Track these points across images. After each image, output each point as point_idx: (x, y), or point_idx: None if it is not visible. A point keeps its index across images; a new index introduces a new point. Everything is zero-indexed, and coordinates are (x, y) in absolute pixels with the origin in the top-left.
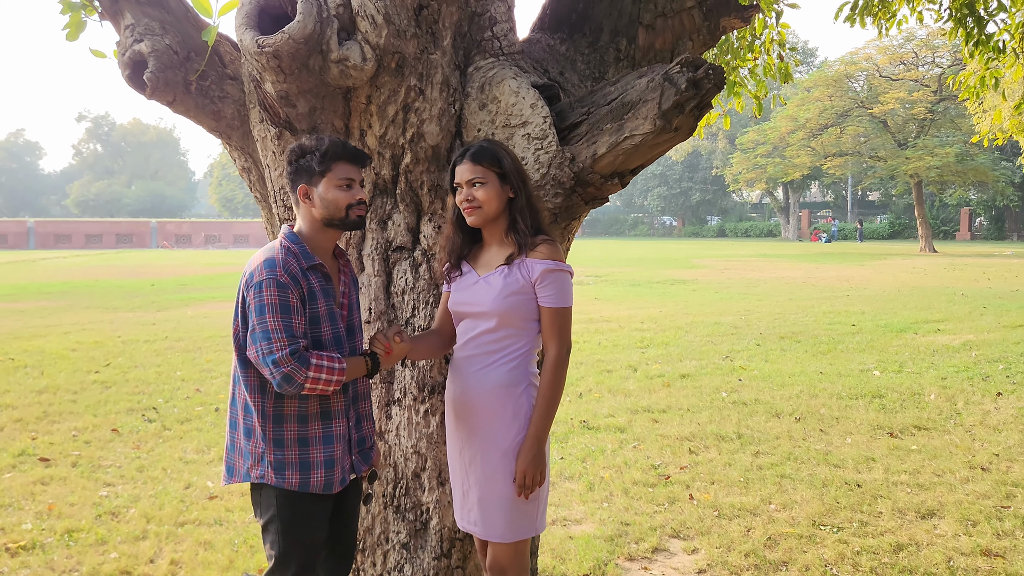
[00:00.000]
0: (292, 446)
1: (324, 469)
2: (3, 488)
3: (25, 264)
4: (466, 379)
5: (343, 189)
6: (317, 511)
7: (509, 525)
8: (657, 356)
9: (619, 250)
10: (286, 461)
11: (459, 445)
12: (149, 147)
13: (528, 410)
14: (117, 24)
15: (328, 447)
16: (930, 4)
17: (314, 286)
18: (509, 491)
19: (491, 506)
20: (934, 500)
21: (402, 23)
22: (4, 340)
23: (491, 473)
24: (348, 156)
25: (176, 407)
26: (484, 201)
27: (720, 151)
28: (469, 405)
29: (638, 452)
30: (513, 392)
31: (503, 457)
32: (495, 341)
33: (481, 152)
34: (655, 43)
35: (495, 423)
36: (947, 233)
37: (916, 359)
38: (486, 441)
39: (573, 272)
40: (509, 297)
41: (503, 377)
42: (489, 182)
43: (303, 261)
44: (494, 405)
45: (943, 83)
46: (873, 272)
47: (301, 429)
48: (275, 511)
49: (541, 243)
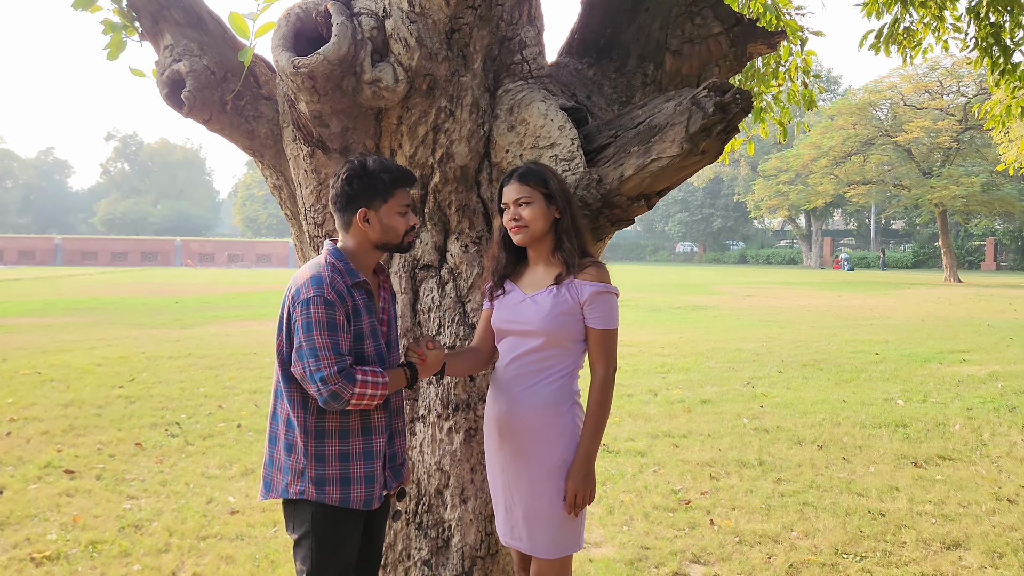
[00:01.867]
0: (333, 462)
1: (364, 485)
2: (29, 499)
3: (52, 280)
4: (512, 397)
5: (402, 216)
6: (351, 528)
7: (555, 541)
8: (678, 381)
9: (640, 275)
10: (327, 476)
11: (502, 463)
12: (175, 167)
13: (573, 428)
14: (156, 44)
15: (368, 463)
16: (956, 33)
17: (358, 303)
18: (556, 508)
19: (537, 523)
20: (960, 531)
21: (434, 46)
22: (32, 354)
23: (538, 491)
24: (408, 182)
25: (199, 423)
26: (530, 220)
27: (742, 177)
28: (515, 423)
29: (658, 477)
30: (559, 411)
31: (549, 475)
32: (541, 360)
33: (528, 173)
34: (682, 69)
35: (541, 442)
36: (972, 263)
37: (941, 389)
38: (532, 459)
39: (618, 293)
40: (558, 317)
41: (549, 396)
42: (535, 202)
43: (348, 278)
44: (540, 424)
45: (969, 112)
46: (897, 301)
47: (343, 444)
48: (310, 526)
49: (590, 265)
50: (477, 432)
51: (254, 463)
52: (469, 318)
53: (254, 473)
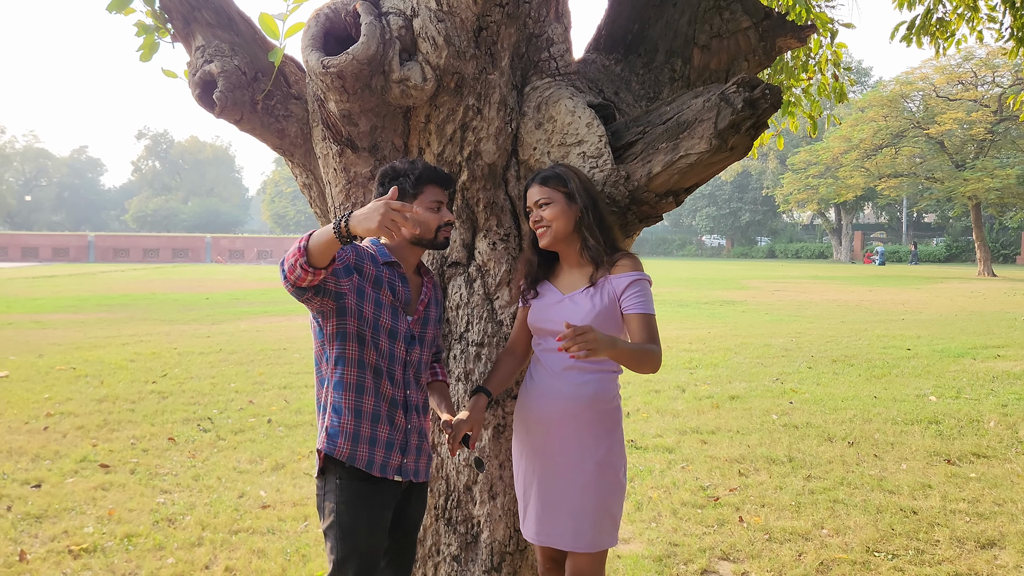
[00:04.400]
0: (348, 414)
1: (369, 446)
2: (66, 492)
3: (86, 277)
4: (557, 393)
5: (433, 211)
6: (377, 519)
7: (597, 534)
8: (706, 377)
9: (667, 270)
10: (340, 428)
11: (542, 460)
12: (205, 164)
13: (618, 423)
14: (188, 46)
15: (375, 425)
16: (991, 23)
17: (383, 276)
18: (601, 501)
19: (584, 516)
20: (994, 530)
21: (462, 44)
22: (66, 350)
23: (585, 484)
24: (438, 179)
25: (230, 418)
26: (551, 219)
27: (771, 171)
28: (564, 418)
29: (687, 473)
30: (607, 405)
31: (597, 467)
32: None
33: (548, 174)
34: (710, 64)
35: (589, 435)
36: (1007, 257)
37: (974, 385)
38: (581, 453)
39: (652, 282)
40: (599, 315)
41: (597, 389)
42: (555, 201)
43: (380, 257)
44: (591, 415)
45: (1004, 103)
46: (929, 296)
47: (356, 399)
48: (335, 517)
49: (621, 258)
50: (506, 428)
51: (284, 458)
52: (497, 315)
53: (285, 468)
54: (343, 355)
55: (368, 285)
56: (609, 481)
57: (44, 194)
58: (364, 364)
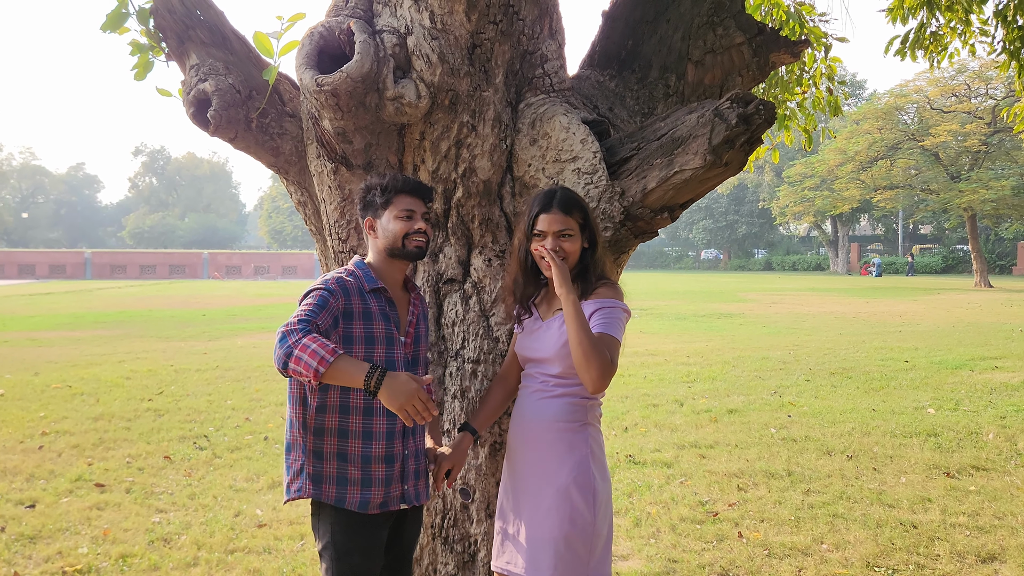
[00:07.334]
0: (331, 460)
1: (360, 487)
2: (61, 512)
3: (82, 293)
4: (523, 413)
5: (402, 220)
6: (371, 540)
7: (555, 567)
8: (704, 391)
9: (664, 283)
10: (324, 474)
11: (513, 481)
12: (202, 180)
13: (584, 449)
14: (182, 64)
15: (366, 467)
16: (983, 37)
17: (372, 308)
18: (560, 531)
19: (541, 546)
20: (995, 543)
21: (456, 62)
22: (62, 368)
23: (545, 511)
24: (409, 189)
25: (226, 435)
26: (570, 252)
27: (767, 184)
28: (526, 440)
29: (685, 488)
30: (570, 427)
31: (556, 494)
32: (558, 384)
33: (570, 202)
34: (704, 79)
35: (551, 458)
36: (1003, 268)
37: (973, 397)
38: (541, 478)
39: (629, 313)
40: (567, 345)
41: (561, 412)
42: (575, 234)
43: (365, 284)
44: (550, 437)
45: (997, 115)
46: (926, 307)
47: (341, 444)
48: (330, 538)
49: (600, 286)
50: (502, 447)
51: (281, 476)
52: (493, 332)
53: (281, 486)
54: (324, 403)
55: (357, 324)
56: (569, 512)
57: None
58: (349, 409)
